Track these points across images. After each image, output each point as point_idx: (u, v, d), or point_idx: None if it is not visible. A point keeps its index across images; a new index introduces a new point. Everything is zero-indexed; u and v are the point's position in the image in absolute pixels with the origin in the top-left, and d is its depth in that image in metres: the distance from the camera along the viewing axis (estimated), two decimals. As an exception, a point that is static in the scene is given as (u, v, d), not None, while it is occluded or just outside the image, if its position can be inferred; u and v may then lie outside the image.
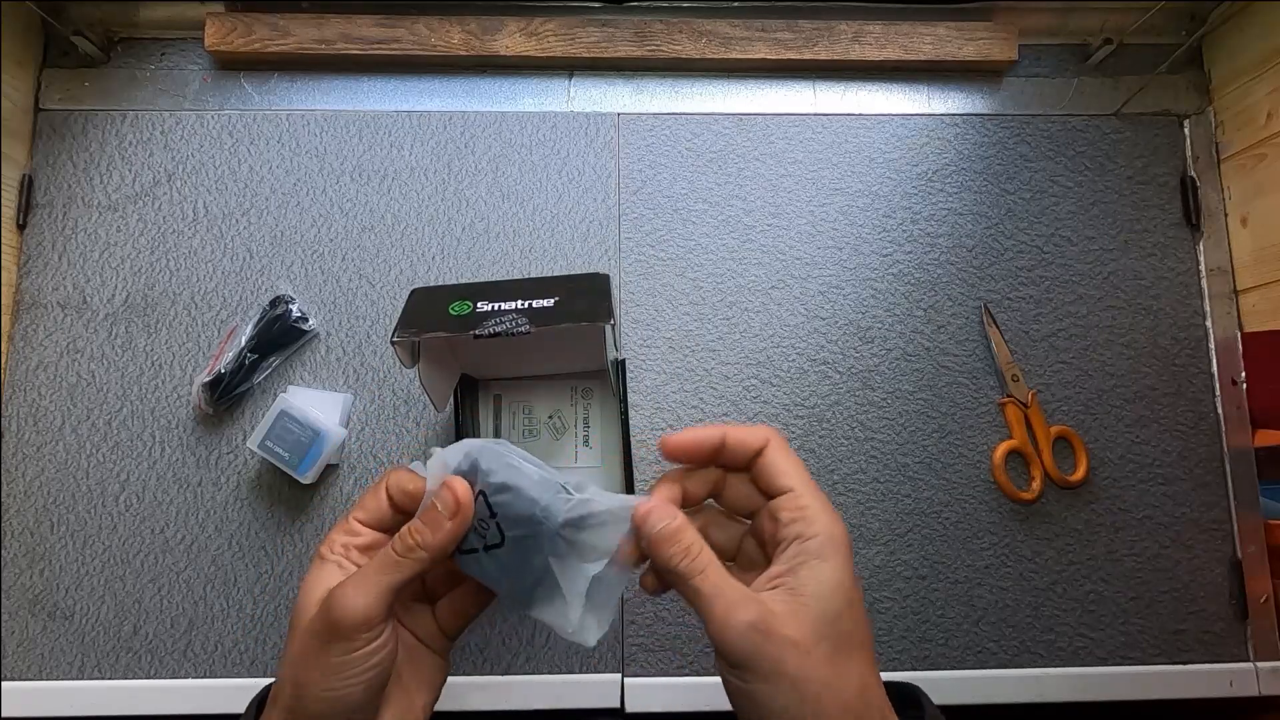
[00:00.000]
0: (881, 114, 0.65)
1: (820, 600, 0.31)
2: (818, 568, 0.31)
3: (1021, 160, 0.65)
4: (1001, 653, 0.58)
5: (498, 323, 0.44)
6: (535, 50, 0.63)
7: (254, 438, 0.53)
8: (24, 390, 0.58)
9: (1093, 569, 0.59)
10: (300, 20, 0.62)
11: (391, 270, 0.61)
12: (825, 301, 0.62)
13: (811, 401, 0.60)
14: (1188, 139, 0.66)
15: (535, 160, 0.63)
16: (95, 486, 0.57)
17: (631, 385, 0.60)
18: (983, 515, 0.59)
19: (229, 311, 0.60)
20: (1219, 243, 0.64)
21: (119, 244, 0.60)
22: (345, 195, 0.62)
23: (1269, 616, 0.59)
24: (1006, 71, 0.66)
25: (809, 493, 0.33)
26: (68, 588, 0.56)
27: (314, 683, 0.31)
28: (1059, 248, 0.63)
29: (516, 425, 0.59)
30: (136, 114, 0.62)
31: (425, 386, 0.49)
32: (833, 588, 0.31)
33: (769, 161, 0.64)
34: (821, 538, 0.32)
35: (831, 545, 0.32)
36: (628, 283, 0.62)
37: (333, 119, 0.63)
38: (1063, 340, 0.62)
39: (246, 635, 0.56)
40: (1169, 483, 0.60)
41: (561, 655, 0.56)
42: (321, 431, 0.54)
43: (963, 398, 0.61)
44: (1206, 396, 0.62)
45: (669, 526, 0.32)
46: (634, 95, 0.65)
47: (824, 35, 0.64)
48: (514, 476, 0.34)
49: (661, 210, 0.63)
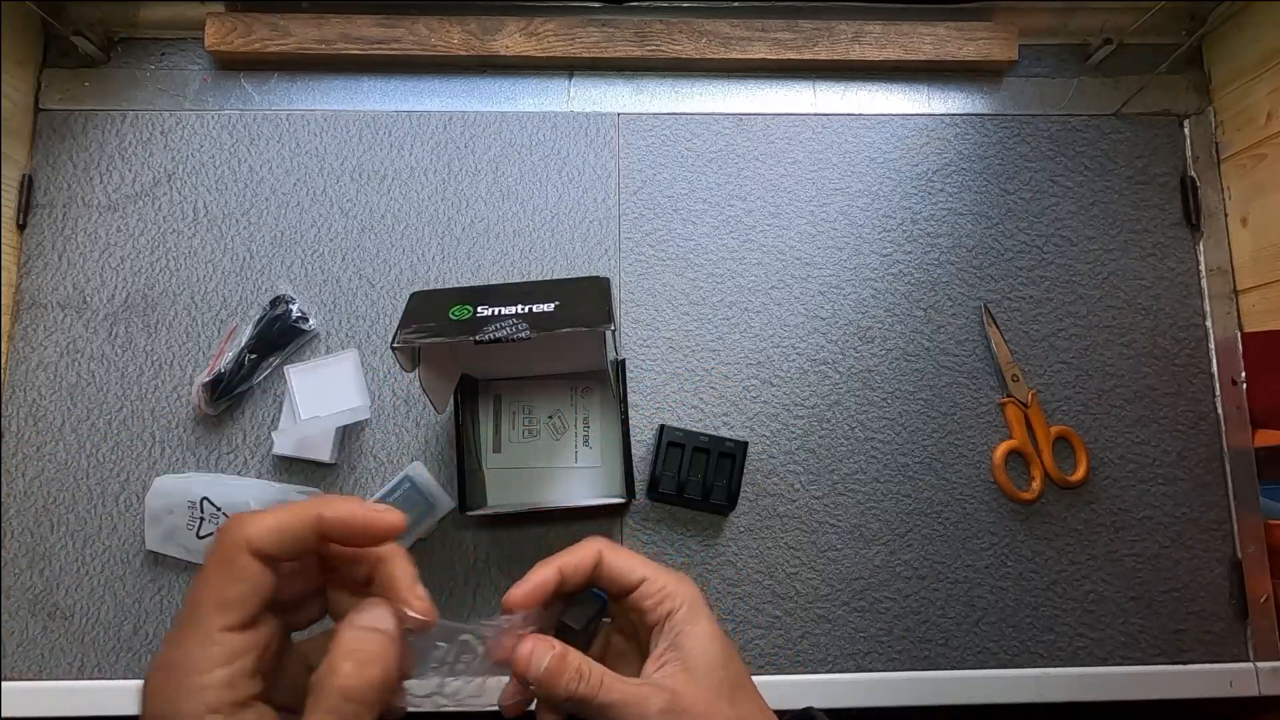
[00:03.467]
0: (881, 114, 0.65)
1: (707, 659, 0.33)
2: (692, 633, 0.34)
3: (1021, 160, 0.65)
4: (1001, 653, 0.58)
5: (498, 328, 0.44)
6: (535, 50, 0.63)
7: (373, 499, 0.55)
8: (24, 390, 0.58)
9: (1093, 569, 0.59)
10: (300, 20, 0.62)
11: (391, 270, 0.61)
12: (825, 301, 0.62)
13: (811, 401, 0.60)
14: (1188, 139, 0.66)
15: (535, 160, 0.63)
16: (95, 486, 0.57)
17: (631, 385, 0.60)
18: (983, 515, 0.59)
19: (229, 311, 0.60)
20: (1219, 243, 0.64)
21: (119, 244, 0.60)
22: (345, 195, 0.62)
23: (1269, 616, 0.59)
24: (1006, 71, 0.66)
25: (657, 572, 0.35)
26: (68, 588, 0.56)
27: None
28: (1059, 248, 0.63)
29: (516, 425, 0.59)
30: (136, 114, 0.62)
31: (425, 389, 0.49)
32: (709, 642, 0.34)
33: (769, 161, 0.64)
34: (686, 605, 0.34)
35: (694, 607, 0.34)
36: (628, 283, 0.62)
37: (333, 119, 0.63)
38: (1063, 340, 0.62)
39: (247, 635, 0.56)
40: (1169, 483, 0.60)
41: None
42: (435, 505, 0.56)
43: (963, 398, 0.61)
44: (1206, 396, 0.62)
45: (554, 659, 0.31)
46: (634, 95, 0.65)
47: (824, 35, 0.64)
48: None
49: (661, 210, 0.63)
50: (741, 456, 0.57)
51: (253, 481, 0.56)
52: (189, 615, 0.25)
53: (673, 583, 0.35)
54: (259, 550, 0.25)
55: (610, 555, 0.35)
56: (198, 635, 0.25)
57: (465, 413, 0.56)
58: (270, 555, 0.26)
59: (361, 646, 0.26)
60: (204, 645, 0.25)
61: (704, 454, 0.57)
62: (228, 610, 0.25)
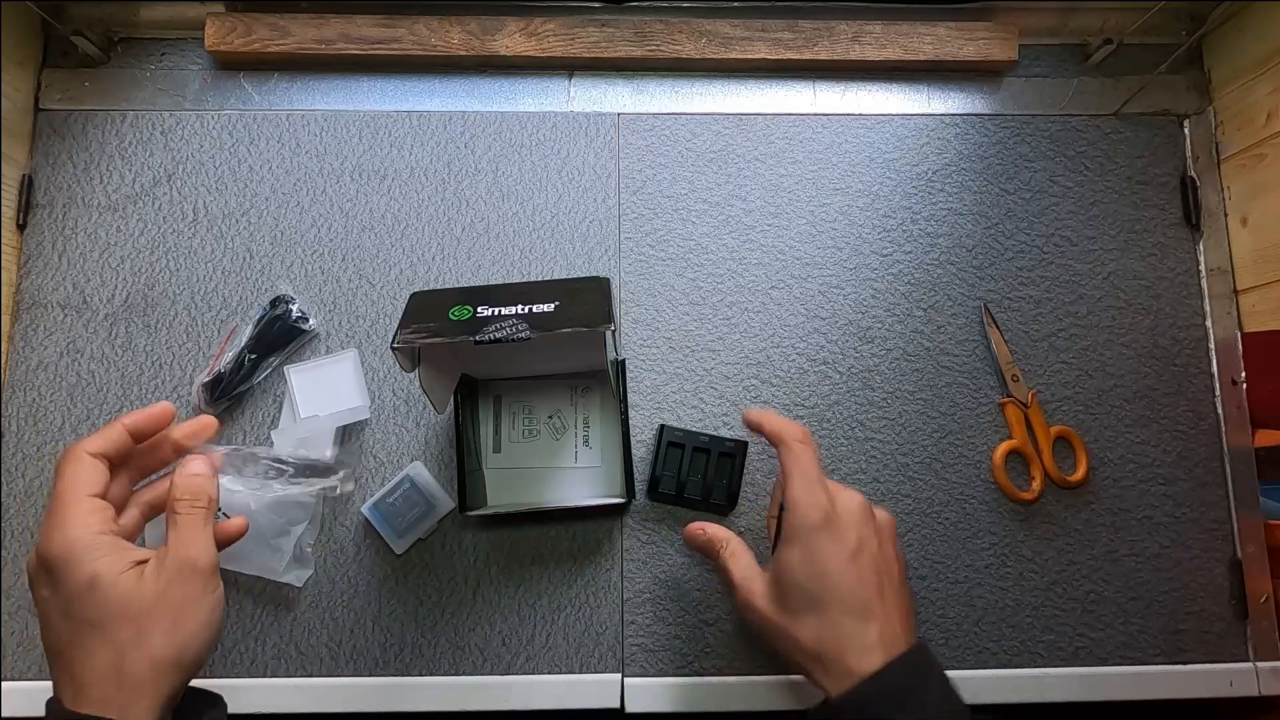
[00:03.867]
0: (881, 114, 0.65)
1: (778, 573, 0.44)
2: (784, 550, 0.44)
3: (1021, 160, 0.65)
4: (1001, 653, 0.58)
5: (498, 328, 0.44)
6: (535, 50, 0.63)
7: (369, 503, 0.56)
8: (24, 390, 0.58)
9: (1093, 569, 0.59)
10: (300, 20, 0.62)
11: (391, 270, 0.61)
12: (825, 301, 0.62)
13: (811, 401, 0.60)
14: (1188, 139, 0.66)
15: (535, 160, 0.63)
16: (95, 487, 0.57)
17: (631, 385, 0.60)
18: (983, 515, 0.59)
19: (229, 311, 0.60)
20: (1219, 243, 0.64)
21: (119, 244, 0.60)
22: (345, 195, 0.62)
23: (1269, 616, 0.59)
24: (1006, 71, 0.66)
25: (797, 486, 0.45)
26: (68, 588, 0.56)
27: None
28: (1059, 248, 0.63)
29: (516, 425, 0.59)
30: (136, 114, 0.62)
31: (425, 389, 0.49)
32: (790, 566, 0.43)
33: (769, 161, 0.64)
34: (793, 524, 0.44)
35: (796, 532, 0.43)
36: (628, 283, 0.62)
37: (333, 119, 0.63)
38: (1063, 340, 0.62)
39: (247, 635, 0.56)
40: (1169, 483, 0.60)
41: (561, 655, 0.56)
42: (435, 505, 0.56)
43: (963, 398, 0.61)
44: (1206, 396, 0.62)
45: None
46: (634, 95, 0.65)
47: (824, 35, 0.64)
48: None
49: (661, 210, 0.63)
50: (741, 456, 0.57)
51: (251, 482, 0.56)
52: (59, 500, 0.38)
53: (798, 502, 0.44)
54: (93, 452, 0.39)
55: (783, 455, 0.47)
56: (73, 504, 0.38)
57: (465, 413, 0.56)
58: (99, 453, 0.40)
59: (185, 466, 0.42)
60: (78, 504, 0.38)
61: (704, 454, 0.57)
62: (90, 484, 0.39)
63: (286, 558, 0.54)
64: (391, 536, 0.56)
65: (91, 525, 0.37)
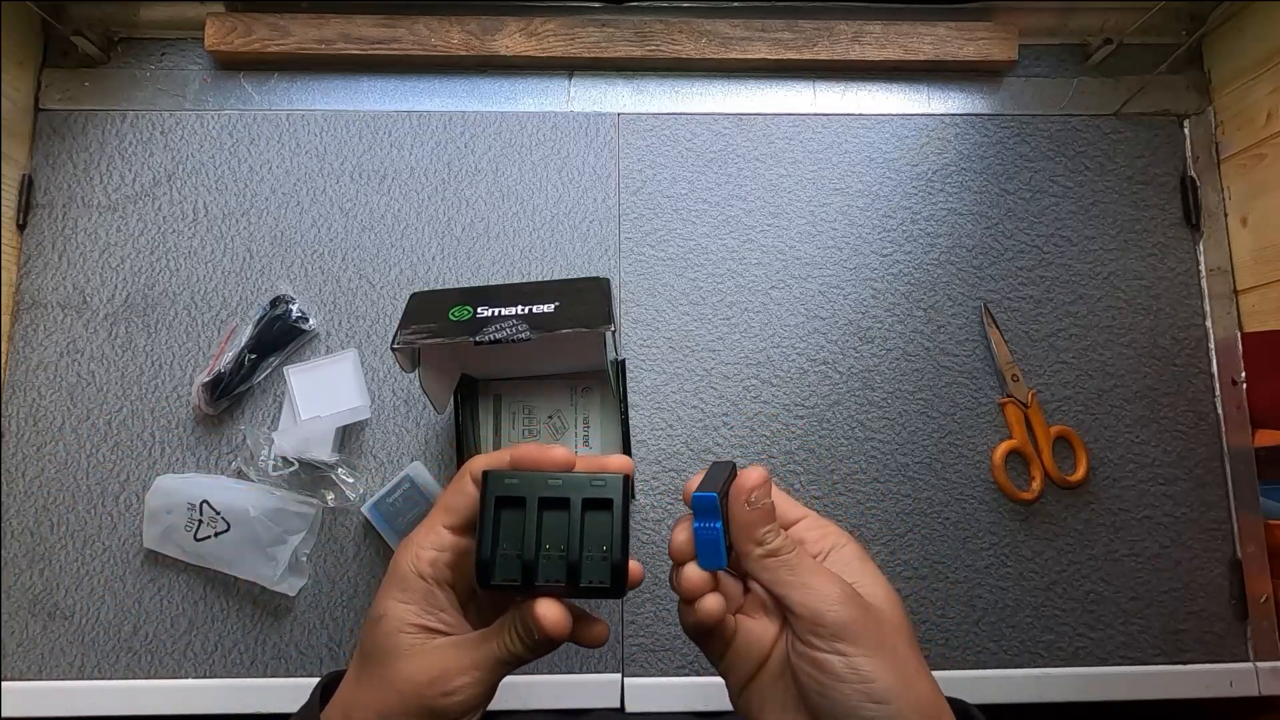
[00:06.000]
0: (881, 114, 0.65)
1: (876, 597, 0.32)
2: (866, 571, 0.33)
3: (1021, 160, 0.65)
4: (1001, 653, 0.58)
5: (498, 329, 0.44)
6: (535, 50, 0.63)
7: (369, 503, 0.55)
8: (24, 390, 0.58)
9: (1093, 569, 0.59)
10: (300, 20, 0.62)
11: (391, 270, 0.61)
12: (825, 301, 0.62)
13: (811, 401, 0.60)
14: (1188, 139, 0.66)
15: (535, 160, 0.63)
16: (95, 486, 0.57)
17: (631, 385, 0.60)
18: (983, 515, 0.59)
19: (229, 311, 0.60)
20: (1219, 243, 0.64)
21: (119, 244, 0.60)
22: (345, 195, 0.62)
23: (1269, 616, 0.59)
24: (1006, 71, 0.66)
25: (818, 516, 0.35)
26: (68, 588, 0.56)
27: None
28: (1059, 248, 0.63)
29: (516, 425, 0.59)
30: (136, 114, 0.62)
31: (425, 389, 0.49)
32: (884, 590, 0.33)
33: (769, 161, 0.64)
34: (850, 543, 0.34)
35: (860, 546, 0.34)
36: (628, 283, 0.62)
37: (333, 119, 0.63)
38: (1063, 340, 0.62)
39: (247, 635, 0.56)
40: (1169, 483, 0.60)
41: (562, 655, 0.56)
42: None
43: (963, 398, 0.61)
44: (1206, 396, 0.62)
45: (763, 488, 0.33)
46: (634, 95, 0.65)
47: (824, 35, 0.64)
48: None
49: (661, 210, 0.63)
50: (623, 501, 0.32)
51: (254, 488, 0.56)
52: (424, 521, 0.34)
53: (832, 524, 0.35)
54: (476, 477, 0.33)
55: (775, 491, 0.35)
56: (426, 525, 0.33)
57: (465, 413, 0.56)
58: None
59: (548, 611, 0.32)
60: (428, 531, 0.33)
61: (559, 509, 0.32)
62: (450, 513, 0.33)
63: (281, 567, 0.54)
64: (391, 536, 0.56)
65: (421, 557, 0.33)
